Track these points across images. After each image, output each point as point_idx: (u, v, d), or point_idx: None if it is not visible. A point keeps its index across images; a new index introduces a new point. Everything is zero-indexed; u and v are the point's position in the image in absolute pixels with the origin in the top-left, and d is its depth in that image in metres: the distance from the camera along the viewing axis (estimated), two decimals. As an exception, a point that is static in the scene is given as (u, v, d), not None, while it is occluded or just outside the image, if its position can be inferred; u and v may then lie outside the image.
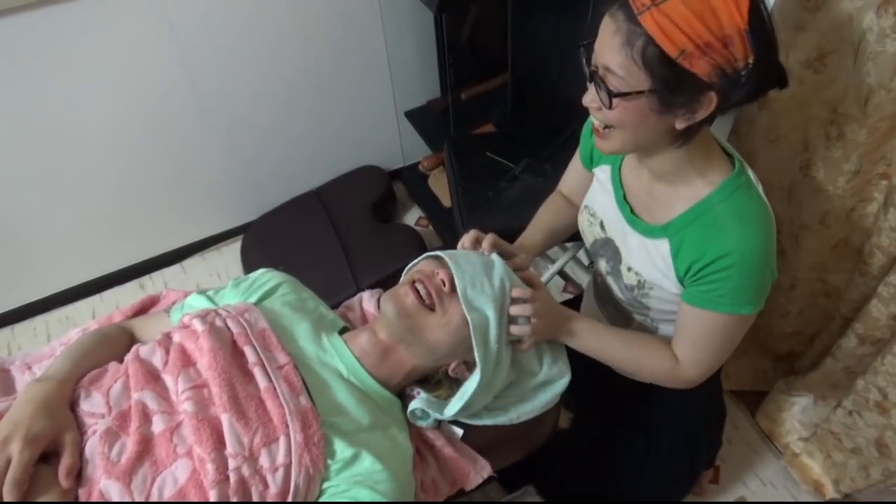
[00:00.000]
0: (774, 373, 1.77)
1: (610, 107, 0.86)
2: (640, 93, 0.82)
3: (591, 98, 0.90)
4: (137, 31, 1.77)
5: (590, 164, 1.20)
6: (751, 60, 0.78)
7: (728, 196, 0.93)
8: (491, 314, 0.97)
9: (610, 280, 1.17)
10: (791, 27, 1.19)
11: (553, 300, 1.08)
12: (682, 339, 1.03)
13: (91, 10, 1.67)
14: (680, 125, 0.85)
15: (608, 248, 1.14)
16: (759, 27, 0.78)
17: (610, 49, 0.82)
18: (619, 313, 1.23)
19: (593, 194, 1.18)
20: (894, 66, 1.06)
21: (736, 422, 1.78)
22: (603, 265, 1.17)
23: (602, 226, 1.15)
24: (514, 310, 1.00)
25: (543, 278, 1.91)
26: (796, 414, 1.67)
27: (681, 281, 1.00)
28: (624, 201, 1.08)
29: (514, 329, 1.01)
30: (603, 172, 1.15)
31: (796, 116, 1.27)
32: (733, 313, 0.95)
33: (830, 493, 1.57)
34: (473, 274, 0.99)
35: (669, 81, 0.80)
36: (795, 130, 1.30)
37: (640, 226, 1.05)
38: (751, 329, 1.67)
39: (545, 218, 1.31)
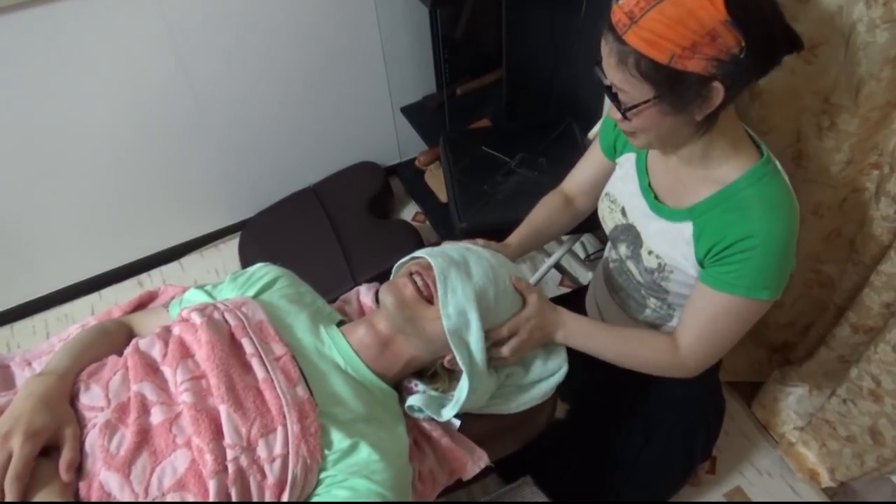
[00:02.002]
0: (770, 363, 1.78)
1: (627, 119, 0.91)
2: (646, 102, 0.87)
3: (613, 111, 0.94)
4: (133, 30, 1.77)
5: (613, 154, 1.23)
6: (743, 44, 0.80)
7: (755, 182, 0.95)
8: (473, 317, 0.99)
9: (630, 264, 1.18)
10: (782, 18, 1.20)
11: (542, 309, 1.09)
12: (691, 322, 1.04)
13: (86, 9, 1.67)
14: (699, 116, 0.89)
15: (629, 233, 1.15)
16: (741, 11, 0.79)
17: (610, 69, 0.87)
18: (631, 299, 1.24)
19: (614, 182, 1.20)
20: (885, 57, 1.07)
21: (732, 412, 1.79)
22: (623, 250, 1.19)
23: (623, 212, 1.16)
24: (511, 347, 1.05)
25: (539, 272, 1.93)
26: (792, 404, 1.68)
27: (700, 263, 1.01)
28: (648, 188, 1.10)
29: (502, 351, 1.05)
30: (627, 161, 1.17)
31: (788, 107, 1.28)
32: (749, 297, 0.96)
33: (826, 482, 1.59)
34: (456, 278, 1.00)
35: (671, 86, 0.84)
36: (787, 121, 1.31)
37: (664, 211, 1.07)
38: (746, 321, 1.67)
39: (538, 218, 1.33)
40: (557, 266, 1.99)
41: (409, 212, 2.49)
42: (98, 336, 1.04)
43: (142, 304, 1.23)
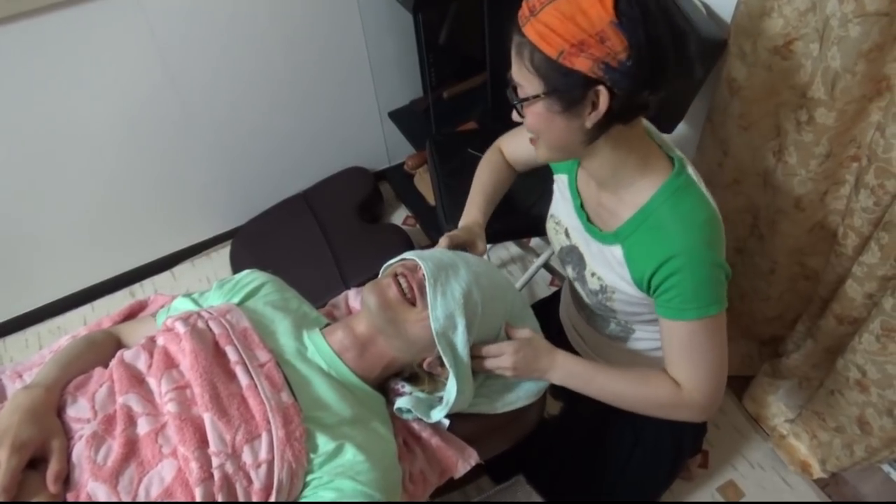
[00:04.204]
0: (759, 357, 1.79)
1: (521, 115, 0.93)
2: (537, 97, 0.88)
3: (514, 113, 0.96)
4: (119, 40, 1.78)
5: None
6: (630, 51, 0.81)
7: (668, 198, 0.96)
8: (460, 322, 1.00)
9: (577, 286, 1.20)
10: (757, 15, 1.22)
11: (534, 346, 1.08)
12: (673, 357, 1.04)
13: (71, 21, 1.67)
14: (588, 123, 0.89)
15: (573, 255, 1.17)
16: (629, 18, 0.80)
17: (513, 62, 0.90)
18: (596, 315, 1.25)
19: (556, 203, 1.22)
20: (858, 50, 1.08)
21: (723, 406, 1.79)
22: (570, 272, 1.20)
23: (567, 233, 1.18)
24: (490, 363, 1.06)
25: (529, 272, 1.94)
26: (782, 396, 1.70)
27: (638, 285, 1.03)
28: (581, 209, 1.12)
29: (483, 363, 1.07)
30: (561, 181, 1.18)
31: (767, 103, 1.30)
32: (702, 317, 0.97)
33: (817, 473, 1.60)
34: (446, 282, 1.02)
35: (558, 82, 0.86)
36: (767, 116, 1.32)
37: (596, 233, 1.09)
38: (735, 315, 1.69)
39: (490, 185, 1.32)
40: (546, 266, 2.00)
41: (400, 216, 2.50)
42: (86, 347, 1.04)
43: (132, 314, 1.23)
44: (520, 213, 1.68)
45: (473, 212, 1.28)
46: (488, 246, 2.16)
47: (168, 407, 0.88)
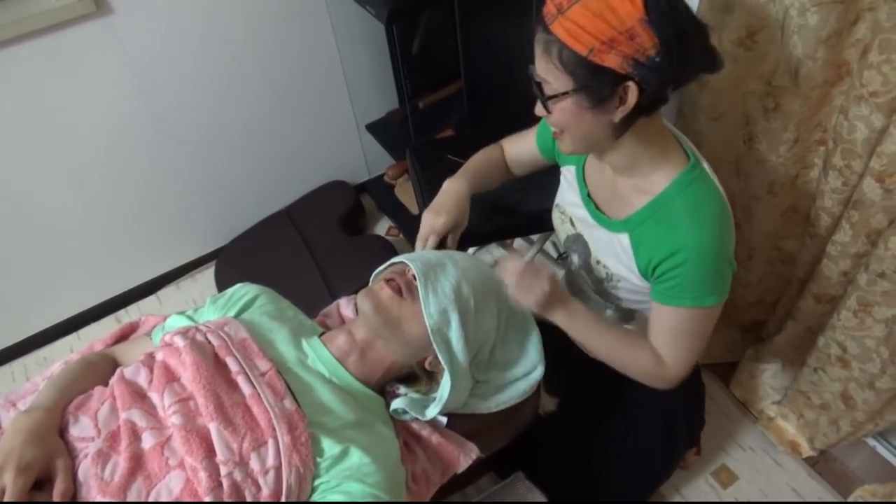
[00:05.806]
0: (743, 343, 1.83)
1: (548, 111, 0.95)
2: (566, 93, 0.90)
3: (538, 108, 0.97)
4: (93, 66, 1.78)
5: (552, 154, 1.26)
6: (659, 47, 0.84)
7: (683, 190, 0.99)
8: (454, 317, 1.02)
9: (583, 273, 1.22)
10: (720, 8, 1.26)
11: (552, 282, 1.05)
12: (659, 339, 1.08)
13: (44, 49, 1.67)
14: (616, 118, 0.91)
15: (579, 243, 1.20)
16: (658, 14, 0.83)
17: (538, 60, 0.91)
18: (591, 301, 1.28)
19: (563, 193, 1.24)
20: (817, 38, 1.13)
21: (712, 394, 1.83)
22: (575, 260, 1.23)
23: (572, 222, 1.20)
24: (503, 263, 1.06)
25: (515, 273, 1.95)
26: (767, 379, 1.74)
27: (643, 275, 1.05)
28: (588, 199, 1.14)
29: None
30: (569, 172, 1.21)
31: (734, 93, 1.34)
32: (696, 306, 1.00)
33: (806, 452, 1.63)
34: (436, 280, 1.04)
35: (588, 78, 0.88)
36: (735, 106, 1.36)
37: (604, 221, 1.11)
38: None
39: (479, 162, 1.33)
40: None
41: (382, 227, 2.52)
42: (83, 369, 1.04)
43: (123, 336, 1.23)
44: (508, 213, 1.70)
45: (459, 181, 1.28)
46: (472, 249, 2.20)
47: (172, 419, 0.89)
